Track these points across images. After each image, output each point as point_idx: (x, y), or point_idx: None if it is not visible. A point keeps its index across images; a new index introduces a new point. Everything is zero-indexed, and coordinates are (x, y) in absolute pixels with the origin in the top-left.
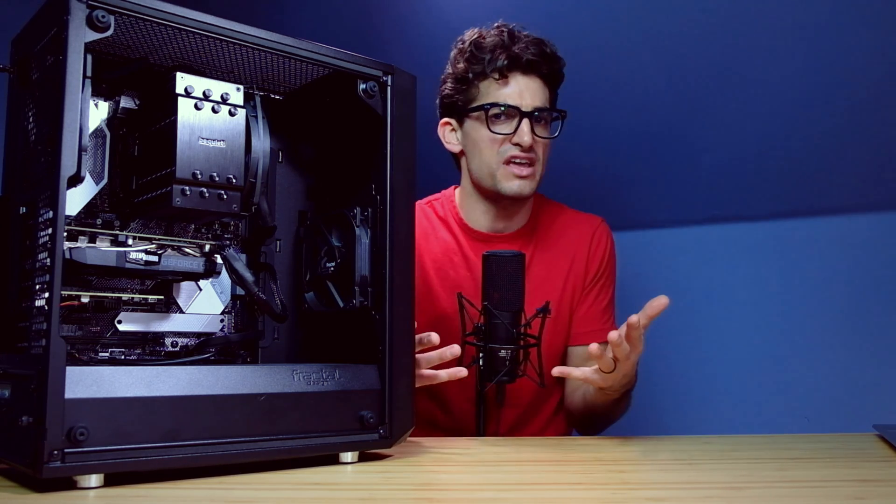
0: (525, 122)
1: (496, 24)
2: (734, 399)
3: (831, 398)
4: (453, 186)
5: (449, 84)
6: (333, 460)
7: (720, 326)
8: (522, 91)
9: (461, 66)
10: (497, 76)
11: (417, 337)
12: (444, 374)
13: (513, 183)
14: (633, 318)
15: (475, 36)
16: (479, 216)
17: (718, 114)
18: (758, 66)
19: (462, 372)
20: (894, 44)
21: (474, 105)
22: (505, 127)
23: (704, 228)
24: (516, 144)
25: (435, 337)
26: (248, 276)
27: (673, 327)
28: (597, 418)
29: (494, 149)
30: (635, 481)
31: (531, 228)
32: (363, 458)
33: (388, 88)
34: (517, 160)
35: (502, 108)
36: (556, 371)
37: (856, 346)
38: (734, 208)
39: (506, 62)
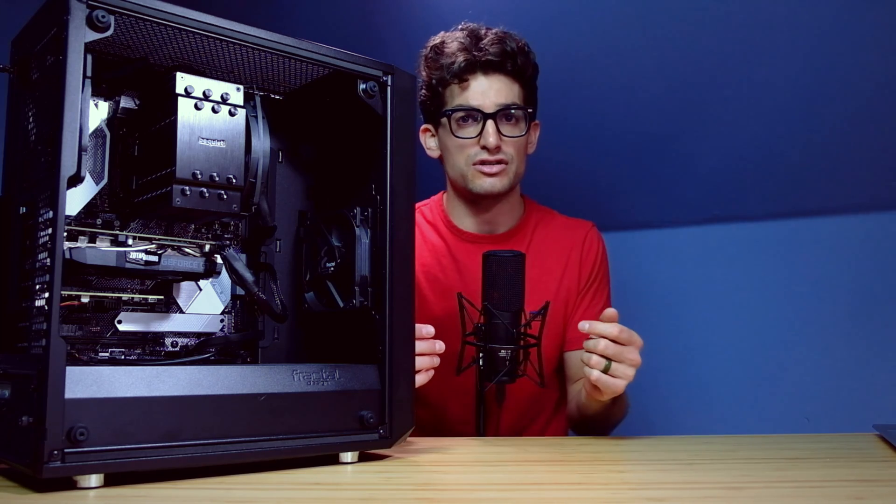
0: (489, 124)
1: (460, 26)
2: (734, 399)
3: (831, 398)
4: (441, 192)
5: (423, 91)
6: (333, 460)
7: (720, 326)
8: (485, 91)
9: (424, 73)
10: (457, 81)
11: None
12: (422, 378)
13: (483, 181)
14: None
15: (437, 41)
16: (465, 218)
17: (718, 114)
18: (758, 67)
19: (432, 368)
20: (894, 44)
21: (441, 111)
22: (470, 130)
23: (704, 228)
24: (484, 148)
25: (430, 329)
26: (248, 276)
27: (673, 327)
28: (594, 425)
29: (463, 153)
30: (635, 481)
31: (522, 231)
32: (363, 458)
33: (388, 88)
34: (486, 163)
35: (464, 112)
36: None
37: (856, 346)
38: (734, 208)
39: (463, 65)
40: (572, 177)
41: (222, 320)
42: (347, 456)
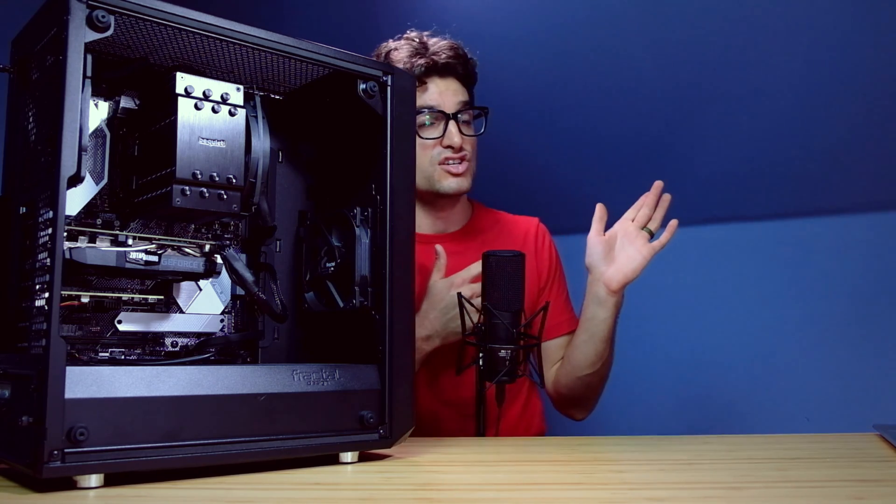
0: (452, 124)
1: (405, 35)
2: (734, 399)
3: (831, 398)
4: None
5: None
6: (333, 460)
7: (720, 326)
8: (443, 92)
9: None
10: (416, 84)
11: None
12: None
13: (450, 181)
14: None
15: (388, 48)
16: (420, 220)
17: (718, 115)
18: (757, 68)
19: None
20: (895, 45)
21: None
22: (433, 131)
23: (704, 228)
24: (447, 147)
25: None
26: (248, 276)
27: (673, 327)
28: (587, 377)
29: (427, 154)
30: (635, 481)
31: (473, 228)
32: (363, 458)
33: (388, 88)
34: (451, 161)
35: (428, 113)
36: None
37: (856, 346)
38: (734, 208)
39: (423, 68)
40: (571, 178)
41: (222, 320)
42: (347, 456)
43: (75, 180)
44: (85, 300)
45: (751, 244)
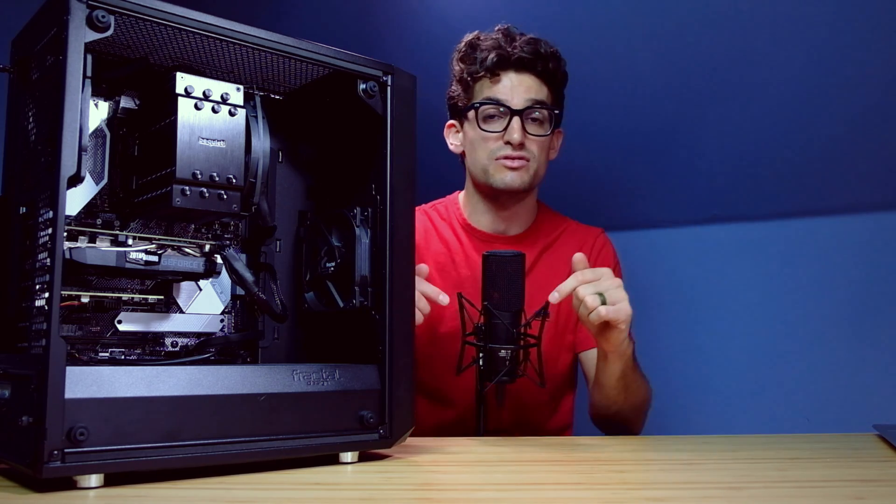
0: (516, 121)
1: (497, 27)
2: (734, 399)
3: (831, 398)
4: (456, 192)
5: (452, 86)
6: (333, 460)
7: (720, 326)
8: (514, 87)
9: (457, 67)
10: (489, 75)
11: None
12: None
13: (504, 174)
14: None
15: (472, 37)
16: (481, 216)
17: (719, 114)
18: (759, 66)
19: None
20: (895, 44)
21: (469, 105)
22: (496, 125)
23: (704, 228)
24: (508, 143)
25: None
26: (248, 276)
27: (673, 327)
28: (619, 403)
29: (487, 147)
30: (635, 481)
31: (534, 233)
32: (363, 458)
33: (388, 88)
34: (509, 158)
35: (492, 106)
36: (554, 298)
37: (856, 346)
38: (734, 208)
39: (496, 60)
40: (572, 177)
41: (222, 320)
42: (347, 456)
43: (75, 180)
44: (85, 300)
45: (751, 244)
